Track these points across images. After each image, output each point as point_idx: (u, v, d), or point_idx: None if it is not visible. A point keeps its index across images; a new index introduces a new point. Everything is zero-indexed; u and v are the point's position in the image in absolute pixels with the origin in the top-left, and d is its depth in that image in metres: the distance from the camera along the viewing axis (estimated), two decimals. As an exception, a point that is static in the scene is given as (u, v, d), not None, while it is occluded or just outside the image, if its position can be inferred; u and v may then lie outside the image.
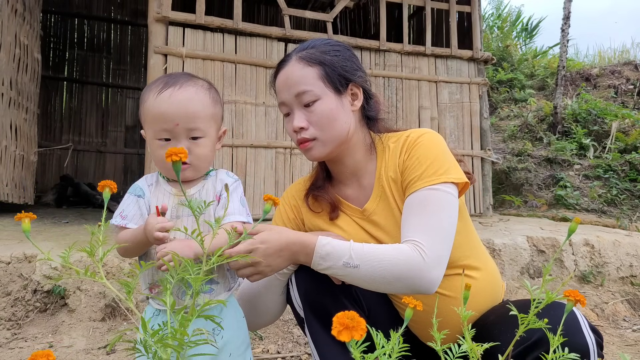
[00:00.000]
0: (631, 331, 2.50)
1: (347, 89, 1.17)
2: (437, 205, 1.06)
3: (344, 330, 0.47)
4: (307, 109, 1.13)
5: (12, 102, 3.68)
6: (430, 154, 1.11)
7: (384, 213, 1.19)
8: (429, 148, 1.12)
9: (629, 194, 4.72)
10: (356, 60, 1.22)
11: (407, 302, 0.69)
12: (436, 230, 1.04)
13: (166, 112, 1.01)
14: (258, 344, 2.05)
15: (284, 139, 3.80)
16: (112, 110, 6.88)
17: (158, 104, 1.02)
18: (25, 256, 2.15)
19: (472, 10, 4.58)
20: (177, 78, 1.06)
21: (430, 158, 1.11)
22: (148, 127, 1.05)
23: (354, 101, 1.19)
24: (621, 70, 7.23)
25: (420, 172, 1.10)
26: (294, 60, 1.16)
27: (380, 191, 1.20)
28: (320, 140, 1.15)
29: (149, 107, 1.03)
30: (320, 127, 1.13)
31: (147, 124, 1.05)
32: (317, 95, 1.13)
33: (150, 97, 1.03)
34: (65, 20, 6.62)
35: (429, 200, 1.07)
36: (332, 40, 1.25)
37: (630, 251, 3.11)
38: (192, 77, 1.09)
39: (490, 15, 10.08)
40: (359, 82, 1.19)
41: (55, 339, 1.89)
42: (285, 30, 3.81)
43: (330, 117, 1.13)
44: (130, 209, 1.05)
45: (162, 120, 1.01)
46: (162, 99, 1.02)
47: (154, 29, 3.42)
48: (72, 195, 5.07)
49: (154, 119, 1.02)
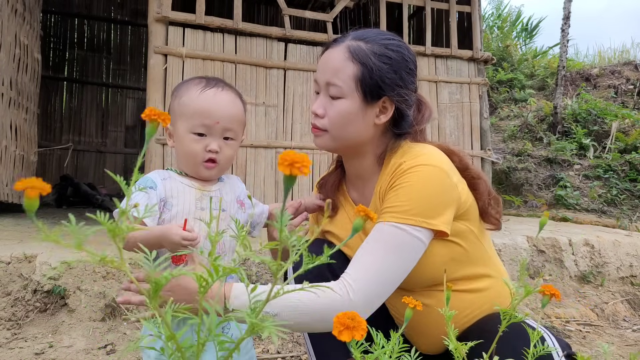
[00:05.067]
0: (631, 331, 2.50)
1: (378, 101, 1.10)
2: (393, 247, 0.98)
3: (345, 330, 0.47)
4: (331, 99, 1.11)
5: (12, 102, 3.68)
6: (412, 190, 1.02)
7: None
8: (415, 183, 1.02)
9: (629, 194, 4.72)
10: (407, 73, 1.12)
11: (407, 302, 0.69)
12: (379, 274, 0.96)
13: (210, 108, 1.05)
14: (258, 344, 2.05)
15: (283, 139, 3.80)
16: (112, 110, 6.88)
17: (202, 100, 1.06)
18: (25, 256, 2.15)
19: (472, 10, 4.58)
20: (217, 81, 1.11)
21: (411, 194, 1.01)
22: (184, 121, 1.07)
23: (380, 115, 1.11)
24: (621, 70, 7.23)
25: (393, 204, 1.02)
26: (342, 47, 1.10)
27: (373, 207, 1.16)
28: (331, 135, 1.12)
29: (190, 101, 1.06)
30: (333, 123, 1.11)
31: (184, 117, 1.07)
32: (344, 94, 1.09)
33: (192, 92, 1.07)
34: (65, 20, 6.62)
35: (387, 239, 0.99)
36: (395, 40, 1.13)
37: (630, 251, 3.11)
38: (228, 84, 1.14)
39: (490, 15, 10.08)
40: (395, 99, 1.10)
41: (55, 339, 1.89)
42: (285, 30, 3.81)
43: (346, 120, 1.10)
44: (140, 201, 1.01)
45: (204, 115, 1.05)
46: (207, 96, 1.06)
47: (154, 29, 3.42)
48: (72, 195, 5.07)
49: (195, 113, 1.05)
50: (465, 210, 1.09)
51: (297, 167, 0.45)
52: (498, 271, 1.20)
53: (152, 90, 3.38)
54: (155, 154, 3.35)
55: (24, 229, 2.92)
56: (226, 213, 1.11)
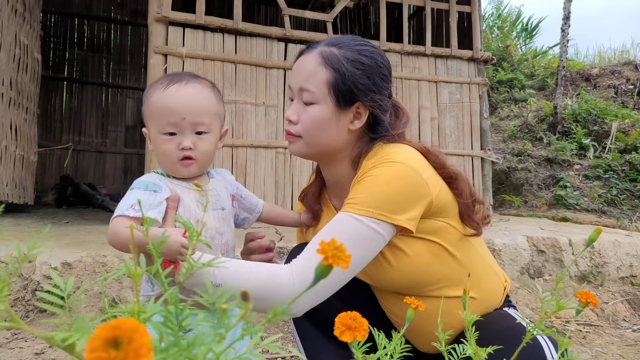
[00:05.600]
0: (631, 331, 2.50)
1: (352, 107, 1.09)
2: (348, 237, 0.95)
3: (347, 330, 0.47)
4: (304, 105, 1.10)
5: (12, 102, 3.67)
6: (374, 184, 1.00)
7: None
8: (378, 178, 1.00)
9: (629, 194, 4.72)
10: (380, 79, 1.11)
11: (409, 302, 0.69)
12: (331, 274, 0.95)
13: (173, 105, 1.01)
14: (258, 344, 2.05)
15: (284, 139, 3.80)
16: (112, 110, 6.88)
17: (165, 98, 1.02)
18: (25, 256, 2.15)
19: (472, 10, 4.58)
20: (182, 75, 1.06)
21: (373, 188, 0.99)
22: (153, 123, 1.04)
23: (355, 121, 1.10)
24: (621, 70, 7.23)
25: (353, 196, 1.01)
26: (315, 53, 1.11)
27: None
28: (305, 141, 1.11)
29: (155, 101, 1.03)
30: (306, 129, 1.09)
31: (152, 120, 1.04)
32: (317, 99, 1.08)
33: (155, 93, 1.03)
34: (65, 20, 6.62)
35: (343, 228, 0.97)
36: (369, 47, 1.13)
37: (630, 251, 3.11)
38: (196, 75, 1.09)
39: (490, 15, 10.09)
40: (368, 105, 1.09)
41: (55, 339, 1.89)
42: (285, 30, 3.81)
43: (319, 125, 1.08)
44: (146, 200, 0.99)
45: (168, 113, 1.01)
46: (168, 94, 1.02)
47: (154, 29, 3.42)
48: (72, 195, 5.07)
49: (160, 113, 1.02)
50: (441, 207, 1.06)
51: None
52: (487, 270, 1.18)
53: (152, 90, 3.38)
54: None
55: (24, 229, 2.92)
56: (226, 211, 1.10)
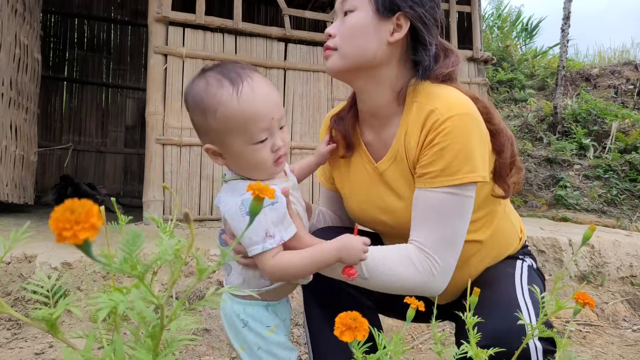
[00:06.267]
0: (631, 331, 2.50)
1: (392, 17, 1.03)
2: (455, 213, 0.98)
3: (347, 330, 0.47)
4: (344, 17, 1.07)
5: (12, 102, 3.67)
6: (456, 146, 0.96)
7: (395, 175, 1.10)
8: (457, 137, 0.96)
9: (629, 194, 4.72)
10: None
11: (409, 302, 0.69)
12: (451, 242, 0.99)
13: (261, 110, 0.89)
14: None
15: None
16: (112, 110, 6.87)
17: (246, 105, 0.88)
18: (25, 256, 2.15)
19: (472, 10, 4.58)
20: (232, 70, 0.92)
21: (455, 151, 0.96)
22: (236, 136, 0.90)
23: (395, 33, 1.04)
24: (621, 70, 7.23)
25: (441, 167, 0.97)
26: None
27: (394, 153, 1.09)
28: (340, 52, 1.06)
29: (233, 112, 0.88)
30: (343, 38, 1.05)
31: (234, 132, 0.90)
32: (355, 6, 1.04)
33: (226, 100, 0.88)
34: (65, 20, 6.62)
35: (447, 206, 0.98)
36: None
37: (630, 251, 3.11)
38: (240, 64, 0.96)
39: (490, 15, 10.08)
40: (410, 16, 1.03)
41: (55, 339, 1.89)
42: (285, 30, 3.81)
43: (355, 31, 1.04)
44: (271, 219, 0.89)
45: (258, 120, 0.89)
46: (247, 99, 0.88)
47: (154, 29, 3.42)
48: (72, 195, 5.06)
49: (247, 123, 0.89)
50: None
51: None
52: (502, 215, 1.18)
53: (152, 90, 3.38)
54: (155, 154, 3.35)
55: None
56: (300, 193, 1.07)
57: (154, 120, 3.36)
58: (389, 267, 0.97)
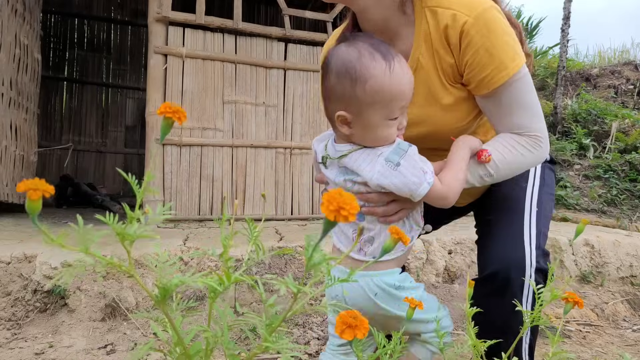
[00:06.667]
0: (631, 331, 2.50)
1: None
2: (525, 92, 1.04)
3: (347, 329, 0.47)
4: None
5: (12, 102, 3.68)
6: (498, 42, 0.98)
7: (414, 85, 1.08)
8: (494, 33, 0.98)
9: (629, 194, 4.72)
10: None
11: (408, 301, 0.69)
12: (536, 114, 1.07)
13: (406, 89, 0.93)
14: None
15: (283, 139, 3.80)
16: (112, 110, 6.88)
17: (395, 82, 0.91)
18: (25, 256, 2.15)
19: (472, 10, 4.58)
20: (382, 45, 0.94)
21: (499, 46, 0.98)
22: (379, 109, 0.93)
23: None
24: (621, 70, 7.24)
25: (496, 64, 0.99)
26: None
27: (415, 63, 1.08)
28: None
29: (384, 85, 0.91)
30: None
31: (378, 106, 0.92)
32: None
33: (379, 74, 0.91)
34: (65, 20, 6.62)
35: (516, 93, 1.03)
36: None
37: (630, 251, 3.11)
38: (383, 42, 0.97)
39: (490, 16, 10.07)
40: None
41: (55, 339, 1.89)
42: (285, 30, 3.81)
43: None
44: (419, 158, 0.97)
45: (401, 98, 0.93)
46: (397, 76, 0.92)
47: (154, 29, 3.42)
48: (72, 195, 5.07)
49: (393, 100, 0.92)
50: None
51: (343, 215, 0.42)
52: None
53: (152, 90, 3.38)
54: (155, 153, 3.36)
55: (24, 229, 2.92)
56: None
57: (154, 120, 3.36)
58: (513, 158, 1.06)
